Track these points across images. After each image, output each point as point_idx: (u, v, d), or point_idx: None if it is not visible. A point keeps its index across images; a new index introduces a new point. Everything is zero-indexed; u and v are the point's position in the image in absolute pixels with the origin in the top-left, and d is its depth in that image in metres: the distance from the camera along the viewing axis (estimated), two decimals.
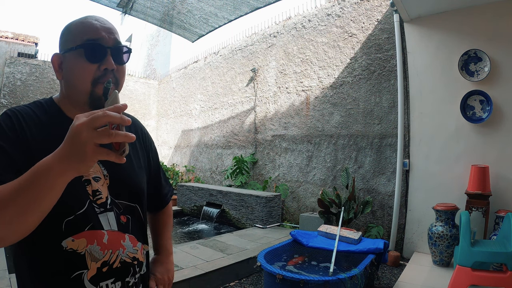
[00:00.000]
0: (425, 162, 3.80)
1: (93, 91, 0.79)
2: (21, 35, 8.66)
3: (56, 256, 0.74)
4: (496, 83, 3.36)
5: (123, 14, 4.55)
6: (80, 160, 0.55)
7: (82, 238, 0.76)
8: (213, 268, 3.08)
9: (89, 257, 0.76)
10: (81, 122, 0.54)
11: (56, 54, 0.82)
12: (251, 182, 6.20)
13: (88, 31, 0.79)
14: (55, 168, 0.56)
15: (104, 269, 0.78)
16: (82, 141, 0.54)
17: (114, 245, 0.80)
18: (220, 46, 7.68)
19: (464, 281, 2.39)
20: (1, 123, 0.72)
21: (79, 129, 0.54)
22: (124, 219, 0.85)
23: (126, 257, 0.83)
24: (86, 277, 0.76)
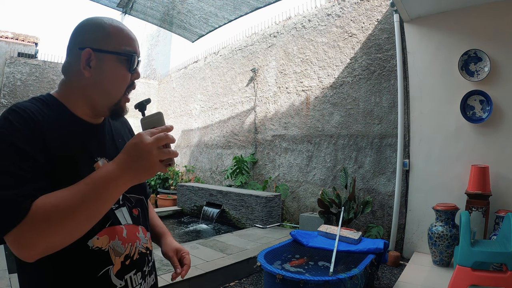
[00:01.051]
0: (425, 162, 3.80)
1: (119, 101, 0.83)
2: (21, 35, 8.66)
3: (83, 256, 0.75)
4: (496, 83, 3.36)
5: (123, 14, 4.55)
6: (149, 173, 0.66)
7: (105, 235, 0.77)
8: (213, 268, 3.08)
9: (113, 252, 0.78)
10: (150, 142, 0.65)
11: (87, 49, 0.77)
12: (251, 182, 6.20)
13: (128, 42, 0.81)
14: (121, 178, 0.64)
15: (127, 262, 0.81)
16: (152, 158, 0.65)
17: (132, 238, 0.83)
18: (220, 46, 7.68)
19: (464, 281, 2.39)
20: (13, 123, 0.67)
21: (150, 148, 0.64)
22: (136, 211, 0.88)
23: (142, 248, 0.86)
24: (112, 272, 0.78)
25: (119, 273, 0.79)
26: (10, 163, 0.63)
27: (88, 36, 0.79)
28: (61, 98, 0.81)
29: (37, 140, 0.68)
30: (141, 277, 0.84)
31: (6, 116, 0.68)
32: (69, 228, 0.61)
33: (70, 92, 0.81)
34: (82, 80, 0.79)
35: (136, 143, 0.65)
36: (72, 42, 0.80)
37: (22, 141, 0.66)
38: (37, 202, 0.61)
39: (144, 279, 0.86)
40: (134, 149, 0.65)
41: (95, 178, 0.63)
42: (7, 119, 0.67)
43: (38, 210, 0.60)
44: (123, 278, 0.79)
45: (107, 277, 0.77)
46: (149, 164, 0.65)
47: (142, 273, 0.85)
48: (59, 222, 0.60)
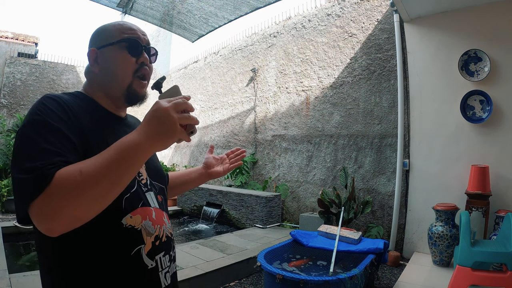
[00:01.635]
0: (425, 162, 3.80)
1: (131, 84, 0.86)
2: (21, 35, 8.66)
3: (117, 233, 0.76)
4: (496, 83, 3.36)
5: (123, 14, 4.55)
6: (169, 136, 0.65)
7: (138, 215, 0.80)
8: (213, 268, 3.08)
9: (145, 232, 0.80)
10: (168, 106, 0.64)
11: (92, 49, 0.87)
12: (251, 182, 6.20)
13: (127, 31, 0.88)
14: (145, 144, 0.64)
15: (157, 243, 0.83)
16: (172, 121, 0.64)
17: (160, 220, 0.86)
18: (220, 46, 7.68)
19: (464, 281, 2.39)
20: (49, 107, 0.72)
21: (168, 112, 0.63)
22: (160, 198, 0.92)
23: (167, 232, 0.89)
24: (144, 251, 0.79)
25: (150, 253, 0.81)
26: (42, 139, 0.66)
27: (94, 40, 0.89)
28: (89, 93, 0.89)
29: (71, 121, 0.73)
30: (169, 260, 0.87)
31: (42, 101, 0.73)
32: (93, 195, 0.60)
33: (93, 89, 0.89)
34: (95, 77, 0.88)
35: (155, 109, 0.65)
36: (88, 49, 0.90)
37: (55, 120, 0.70)
38: (61, 170, 0.61)
39: (171, 263, 0.89)
40: (153, 115, 0.64)
41: (118, 146, 0.64)
42: (42, 103, 0.73)
43: (62, 177, 0.59)
44: (153, 259, 0.81)
45: (139, 256, 0.78)
46: (170, 127, 0.64)
47: (170, 256, 0.88)
48: (84, 188, 0.59)
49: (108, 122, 0.86)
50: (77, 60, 8.94)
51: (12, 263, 3.37)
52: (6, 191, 6.48)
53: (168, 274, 0.87)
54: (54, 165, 0.61)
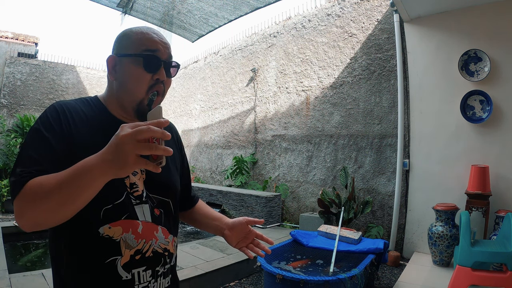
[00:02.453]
0: (425, 162, 3.80)
1: (143, 99, 0.85)
2: (21, 35, 8.65)
3: (93, 241, 0.78)
4: (496, 83, 3.36)
5: (123, 14, 4.55)
6: (120, 167, 0.62)
7: (118, 226, 0.80)
8: (213, 268, 3.08)
9: (124, 244, 0.80)
10: (126, 134, 0.60)
11: (111, 56, 0.86)
12: (251, 182, 6.20)
13: (147, 43, 0.85)
14: (96, 169, 0.63)
15: (137, 257, 0.82)
16: (125, 151, 0.60)
17: (147, 235, 0.84)
18: (220, 46, 7.68)
19: (464, 281, 2.39)
20: (47, 116, 0.79)
21: (124, 140, 0.60)
22: (157, 212, 0.89)
23: (158, 247, 0.87)
24: (120, 263, 0.80)
25: (127, 266, 0.80)
26: (32, 147, 0.74)
27: (117, 45, 0.88)
28: (104, 101, 0.90)
29: (62, 131, 0.77)
30: (152, 276, 0.85)
31: (46, 110, 0.81)
32: (48, 207, 0.65)
33: (109, 95, 0.90)
34: (111, 84, 0.89)
35: (116, 134, 0.62)
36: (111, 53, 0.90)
37: (48, 130, 0.76)
38: (32, 180, 0.68)
39: (156, 279, 0.86)
40: (112, 140, 0.62)
41: (76, 166, 0.65)
42: (45, 113, 0.80)
43: (28, 187, 0.67)
44: (130, 272, 0.81)
45: (113, 266, 0.79)
46: (121, 157, 0.60)
47: (154, 272, 0.85)
48: (40, 200, 0.65)
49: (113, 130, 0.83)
50: (77, 60, 8.94)
51: (12, 263, 3.37)
52: (6, 191, 6.49)
53: None
54: (29, 174, 0.69)
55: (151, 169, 0.63)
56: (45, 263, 3.64)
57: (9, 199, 6.49)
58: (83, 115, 0.82)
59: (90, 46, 30.86)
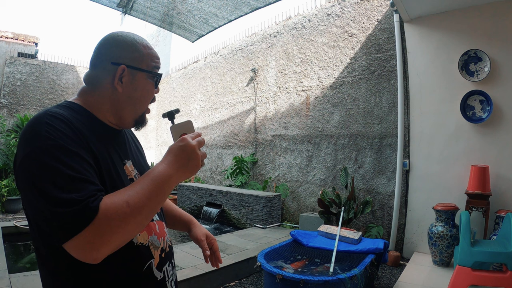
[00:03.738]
0: (425, 162, 3.80)
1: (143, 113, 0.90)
2: (21, 35, 8.66)
3: (130, 253, 0.77)
4: (496, 83, 3.36)
5: (123, 14, 4.55)
6: (194, 171, 0.76)
7: (144, 231, 0.82)
8: (213, 268, 3.07)
9: (152, 246, 0.83)
10: (195, 145, 0.76)
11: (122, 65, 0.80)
12: (251, 182, 6.20)
13: (155, 59, 0.88)
14: (175, 176, 0.73)
15: (163, 255, 0.87)
16: (197, 158, 0.76)
17: (162, 232, 0.89)
18: (220, 46, 7.68)
19: (464, 281, 2.39)
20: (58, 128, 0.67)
21: (195, 149, 0.75)
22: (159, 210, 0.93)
23: (168, 241, 0.92)
24: (154, 265, 0.83)
25: (159, 266, 0.84)
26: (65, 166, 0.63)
27: (122, 53, 0.82)
28: (87, 106, 0.82)
29: (83, 143, 0.70)
30: (172, 268, 0.91)
31: (46, 122, 0.67)
32: (137, 223, 0.66)
33: (97, 102, 0.83)
34: (113, 94, 0.83)
35: (183, 145, 0.75)
36: (103, 55, 0.82)
37: (71, 144, 0.67)
38: (105, 201, 0.63)
39: (173, 270, 0.93)
40: (181, 151, 0.75)
41: (152, 177, 0.70)
42: (48, 124, 0.67)
43: (110, 209, 0.62)
44: (161, 270, 0.85)
45: (150, 270, 0.81)
46: (195, 162, 0.75)
47: (172, 265, 0.91)
48: (130, 217, 0.64)
49: (108, 136, 0.84)
50: (77, 60, 8.94)
51: (12, 263, 3.37)
52: (6, 191, 6.48)
53: (173, 282, 0.91)
54: (95, 196, 0.62)
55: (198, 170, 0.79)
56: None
57: (9, 199, 6.49)
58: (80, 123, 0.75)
59: (90, 46, 30.81)
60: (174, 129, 0.84)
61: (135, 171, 0.88)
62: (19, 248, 4.10)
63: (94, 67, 0.83)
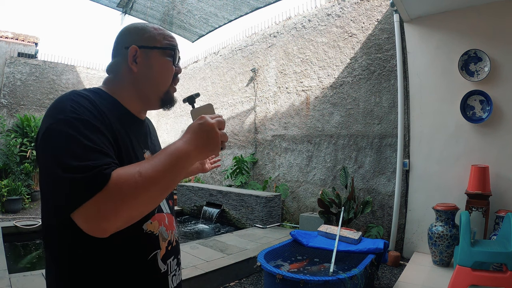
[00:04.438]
0: (425, 162, 3.80)
1: (168, 90, 0.89)
2: (21, 35, 8.65)
3: (138, 238, 0.77)
4: (496, 83, 3.36)
5: (123, 14, 4.55)
6: (213, 149, 0.73)
7: (156, 221, 0.83)
8: (213, 268, 3.08)
9: (161, 237, 0.83)
10: (214, 122, 0.73)
11: (133, 46, 0.83)
12: (251, 182, 6.20)
13: (168, 38, 0.88)
14: (194, 154, 0.70)
15: (169, 247, 0.86)
16: (215, 137, 0.73)
17: (171, 225, 0.90)
18: (220, 46, 7.68)
19: (464, 281, 2.39)
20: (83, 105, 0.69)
21: (214, 128, 0.72)
22: (170, 203, 0.95)
23: (176, 236, 0.92)
24: (159, 256, 0.82)
25: (164, 258, 0.84)
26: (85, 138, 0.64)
27: (133, 36, 0.85)
28: (112, 93, 0.84)
29: (105, 121, 0.72)
30: (176, 264, 0.90)
31: (71, 98, 0.70)
32: (149, 196, 0.63)
33: (121, 88, 0.85)
34: (131, 76, 0.85)
35: (202, 123, 0.72)
36: (118, 44, 0.87)
37: (94, 119, 0.69)
38: (117, 170, 0.62)
39: (179, 266, 0.92)
40: (200, 129, 0.72)
41: (169, 152, 0.68)
42: (73, 101, 0.69)
43: (121, 177, 0.61)
44: (166, 263, 0.84)
45: (155, 261, 0.81)
46: (215, 141, 0.73)
47: (177, 260, 0.91)
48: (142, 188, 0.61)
49: (131, 124, 0.85)
50: (77, 60, 8.95)
51: (12, 263, 3.37)
52: (6, 191, 6.48)
53: (175, 278, 0.89)
54: (109, 165, 0.62)
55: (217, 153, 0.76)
56: (45, 263, 3.63)
57: (9, 199, 6.48)
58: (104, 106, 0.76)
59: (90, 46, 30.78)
60: (194, 112, 0.83)
61: None
62: (19, 248, 4.10)
63: (113, 56, 0.88)
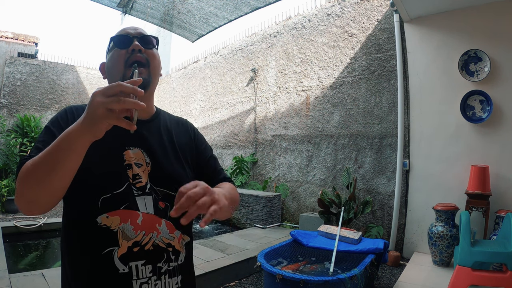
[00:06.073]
0: (425, 162, 3.80)
1: (125, 73, 0.88)
2: (21, 35, 8.65)
3: (91, 231, 0.79)
4: (496, 83, 3.36)
5: (123, 14, 4.55)
6: (92, 122, 0.63)
7: (116, 216, 0.80)
8: (213, 268, 3.08)
9: (121, 235, 0.79)
10: (97, 90, 0.63)
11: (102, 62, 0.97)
12: (251, 182, 6.20)
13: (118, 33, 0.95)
14: (74, 131, 0.65)
15: (135, 249, 0.80)
16: (95, 105, 0.62)
17: (148, 227, 0.83)
18: (220, 46, 7.68)
19: (464, 281, 2.39)
20: (57, 116, 0.87)
21: (94, 95, 0.63)
22: (162, 205, 0.87)
23: (160, 241, 0.84)
24: (117, 254, 0.79)
25: (124, 258, 0.79)
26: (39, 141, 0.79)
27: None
28: None
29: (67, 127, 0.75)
30: (152, 272, 0.81)
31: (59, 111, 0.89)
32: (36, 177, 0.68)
33: None
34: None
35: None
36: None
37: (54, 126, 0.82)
38: (29, 160, 0.72)
39: (159, 277, 0.82)
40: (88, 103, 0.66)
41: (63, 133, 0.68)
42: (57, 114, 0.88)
43: (24, 166, 0.71)
44: (127, 264, 0.79)
45: (110, 257, 0.78)
46: (91, 112, 0.62)
47: (155, 267, 0.82)
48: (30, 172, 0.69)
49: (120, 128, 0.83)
50: (77, 60, 8.95)
51: (12, 263, 3.37)
52: (6, 191, 6.48)
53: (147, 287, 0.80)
54: (30, 157, 0.73)
55: (125, 126, 0.63)
56: (45, 263, 3.64)
57: (9, 199, 6.48)
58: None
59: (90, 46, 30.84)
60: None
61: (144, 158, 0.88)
62: (19, 248, 4.10)
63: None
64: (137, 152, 0.88)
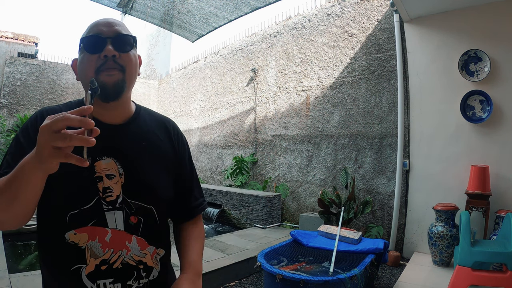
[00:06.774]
0: (425, 162, 3.80)
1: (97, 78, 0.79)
2: (21, 35, 8.66)
3: (59, 247, 0.77)
4: (496, 83, 3.36)
5: (123, 14, 4.55)
6: (40, 160, 0.58)
7: (84, 233, 0.77)
8: (213, 268, 3.08)
9: (89, 252, 0.77)
10: (44, 125, 0.56)
11: (74, 59, 0.86)
12: (251, 182, 6.20)
13: (89, 30, 0.83)
14: (27, 165, 0.61)
15: (103, 267, 0.77)
16: (41, 143, 0.56)
17: (116, 244, 0.79)
18: (220, 46, 7.68)
19: (464, 281, 2.39)
20: (27, 123, 0.81)
21: (41, 132, 0.56)
22: (134, 220, 0.82)
23: (130, 259, 0.80)
24: (84, 272, 0.77)
25: (91, 276, 0.77)
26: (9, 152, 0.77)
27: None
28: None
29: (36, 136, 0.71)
30: None
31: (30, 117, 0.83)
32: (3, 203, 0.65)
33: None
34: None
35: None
36: None
37: (24, 136, 0.78)
38: None
39: None
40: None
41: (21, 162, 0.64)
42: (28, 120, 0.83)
43: None
44: (95, 282, 0.77)
45: (78, 274, 0.76)
46: (39, 149, 0.57)
47: (125, 285, 0.79)
48: None
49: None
50: None
51: (12, 263, 3.37)
52: None
53: None
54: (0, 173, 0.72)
55: (74, 162, 0.57)
56: None
57: None
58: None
59: None
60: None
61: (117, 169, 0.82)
62: (19, 248, 4.10)
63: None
64: (110, 163, 0.81)
